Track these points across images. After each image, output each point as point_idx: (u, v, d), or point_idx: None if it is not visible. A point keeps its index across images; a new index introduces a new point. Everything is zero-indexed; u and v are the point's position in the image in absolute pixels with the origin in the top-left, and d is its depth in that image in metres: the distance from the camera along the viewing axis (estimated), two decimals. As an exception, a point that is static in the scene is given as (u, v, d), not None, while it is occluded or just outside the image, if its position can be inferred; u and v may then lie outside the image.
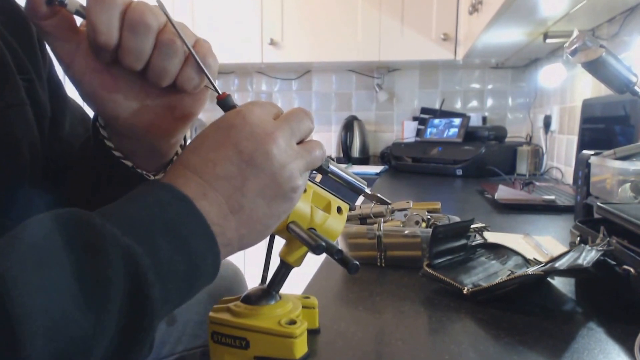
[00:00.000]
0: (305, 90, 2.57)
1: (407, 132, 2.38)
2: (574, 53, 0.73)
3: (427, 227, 0.73)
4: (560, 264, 0.53)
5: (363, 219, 0.77)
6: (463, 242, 0.65)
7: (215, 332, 0.42)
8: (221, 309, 0.43)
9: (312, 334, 0.46)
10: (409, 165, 2.06)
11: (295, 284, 0.57)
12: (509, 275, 0.54)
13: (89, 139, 0.49)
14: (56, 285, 0.26)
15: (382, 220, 0.71)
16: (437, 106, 2.44)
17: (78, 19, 0.37)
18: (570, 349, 0.44)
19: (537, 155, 2.00)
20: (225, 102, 0.39)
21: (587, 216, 0.84)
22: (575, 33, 0.73)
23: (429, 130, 2.16)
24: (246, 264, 1.97)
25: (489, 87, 2.43)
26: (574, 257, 0.54)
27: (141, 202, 0.33)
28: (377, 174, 1.98)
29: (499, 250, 0.67)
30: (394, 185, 1.71)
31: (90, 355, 0.27)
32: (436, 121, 2.16)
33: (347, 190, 0.46)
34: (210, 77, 0.40)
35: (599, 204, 0.62)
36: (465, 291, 0.54)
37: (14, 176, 0.45)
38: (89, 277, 0.27)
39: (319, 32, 2.14)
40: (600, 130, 1.33)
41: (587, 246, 0.57)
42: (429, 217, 0.75)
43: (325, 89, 2.55)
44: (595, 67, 0.73)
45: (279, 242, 0.44)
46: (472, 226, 0.72)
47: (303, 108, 0.41)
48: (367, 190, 0.47)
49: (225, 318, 0.42)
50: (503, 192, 1.26)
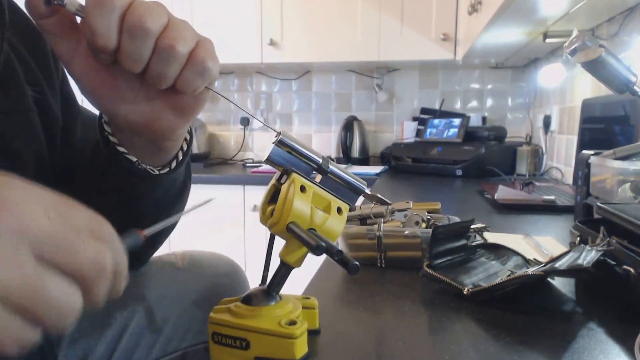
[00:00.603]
0: (305, 91, 2.57)
1: (407, 132, 2.38)
2: (573, 53, 0.73)
3: (427, 227, 0.73)
4: (560, 264, 0.53)
5: (363, 220, 0.77)
6: (463, 242, 0.65)
7: (215, 333, 0.42)
8: (221, 309, 0.43)
9: (312, 334, 0.46)
10: (409, 165, 2.06)
11: (295, 284, 0.57)
12: (509, 275, 0.54)
13: (99, 141, 0.49)
14: None
15: (382, 220, 0.71)
16: (436, 106, 2.44)
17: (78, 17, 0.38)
18: (571, 349, 0.44)
19: (536, 155, 2.00)
20: None
21: (587, 216, 0.84)
22: (574, 33, 0.73)
23: (428, 130, 2.16)
24: (246, 264, 1.97)
25: (489, 87, 2.43)
26: (574, 257, 0.54)
27: None
28: (377, 175, 1.98)
29: (499, 251, 0.67)
30: (393, 186, 1.71)
31: None
32: (436, 121, 2.16)
33: (347, 191, 0.46)
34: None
35: (598, 204, 0.62)
36: (465, 291, 0.54)
37: None
38: None
39: (318, 33, 2.14)
40: (600, 130, 1.33)
41: (587, 246, 0.57)
42: (429, 217, 0.75)
43: (325, 89, 2.55)
44: (595, 67, 0.73)
45: (279, 243, 0.44)
46: (472, 226, 0.72)
47: None
48: (367, 191, 0.47)
49: (226, 319, 0.42)
50: (503, 193, 1.26)
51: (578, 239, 0.63)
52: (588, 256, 0.53)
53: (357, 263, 0.40)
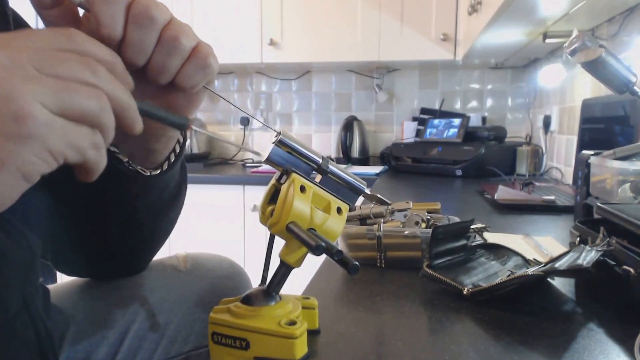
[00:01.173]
0: (305, 91, 2.57)
1: (407, 132, 2.38)
2: (573, 53, 0.73)
3: (427, 227, 0.73)
4: (560, 265, 0.53)
5: (363, 220, 0.77)
6: (463, 242, 0.65)
7: (215, 333, 0.42)
8: (221, 309, 0.43)
9: (312, 334, 0.46)
10: (409, 165, 2.06)
11: (295, 284, 0.57)
12: (508, 275, 0.54)
13: None
14: None
15: (381, 220, 0.71)
16: (436, 106, 2.44)
17: (81, 11, 0.38)
18: (570, 349, 0.44)
19: (536, 155, 2.00)
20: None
21: (587, 216, 0.84)
22: (574, 33, 0.73)
23: (428, 130, 2.16)
24: (246, 265, 1.97)
25: (489, 87, 2.43)
26: (574, 258, 0.54)
27: None
28: (377, 175, 1.98)
29: (498, 251, 0.67)
30: (393, 186, 1.71)
31: None
32: (436, 121, 2.16)
33: (346, 191, 0.46)
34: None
35: (598, 204, 0.62)
36: (465, 292, 0.54)
37: None
38: None
39: (318, 33, 2.14)
40: (600, 131, 1.33)
41: (587, 246, 0.57)
42: (428, 217, 0.75)
43: (325, 90, 2.55)
44: (595, 67, 0.73)
45: (279, 243, 0.44)
46: (471, 227, 0.72)
47: (62, 32, 0.31)
48: (367, 191, 0.47)
49: (225, 319, 0.42)
50: (503, 193, 1.26)
51: (578, 239, 0.63)
52: (588, 256, 0.53)
53: (357, 263, 0.40)
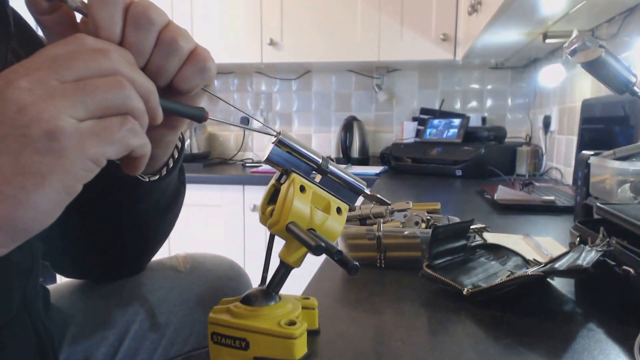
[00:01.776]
0: (304, 91, 2.57)
1: (407, 132, 2.38)
2: (573, 53, 0.73)
3: (426, 227, 0.73)
4: (559, 265, 0.53)
5: (363, 220, 0.77)
6: (463, 242, 0.65)
7: (214, 333, 0.42)
8: (221, 309, 0.43)
9: (312, 334, 0.46)
10: (409, 165, 2.06)
11: (295, 284, 0.57)
12: (508, 275, 0.54)
13: None
14: None
15: (381, 221, 0.71)
16: (436, 106, 2.44)
17: (78, 15, 0.37)
18: (570, 350, 0.44)
19: (536, 155, 2.00)
20: None
21: (587, 217, 0.84)
22: (574, 33, 0.73)
23: (428, 130, 2.16)
24: (246, 265, 1.97)
25: (489, 87, 2.43)
26: (574, 258, 0.54)
27: None
28: (377, 175, 1.98)
29: (498, 251, 0.67)
30: (393, 186, 1.71)
31: None
32: (436, 122, 2.16)
33: (346, 191, 0.46)
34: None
35: (598, 204, 0.62)
36: (465, 292, 0.54)
37: None
38: None
39: (318, 33, 2.14)
40: (600, 131, 1.33)
41: (587, 247, 0.57)
42: (428, 217, 0.75)
43: (325, 90, 2.55)
44: (595, 68, 0.73)
45: (279, 243, 0.44)
46: (471, 227, 0.72)
47: (88, 40, 0.33)
48: (367, 191, 0.47)
49: (225, 319, 0.42)
50: (502, 193, 1.26)
51: (578, 239, 0.63)
52: (588, 256, 0.53)
53: (357, 263, 0.40)
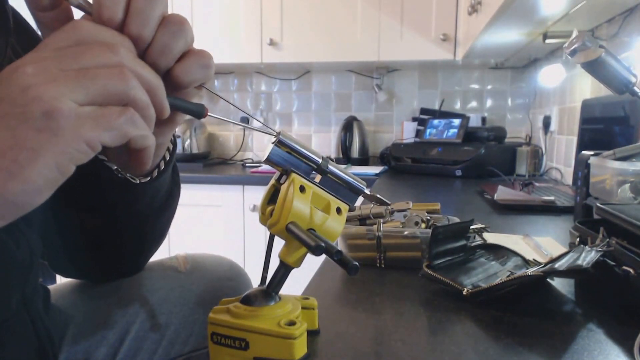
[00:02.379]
0: (304, 91, 2.57)
1: (407, 132, 2.38)
2: (573, 53, 0.73)
3: (426, 228, 0.73)
4: (559, 265, 0.53)
5: (362, 220, 0.77)
6: (462, 243, 0.65)
7: (214, 333, 0.42)
8: (221, 310, 0.43)
9: (312, 334, 0.46)
10: (409, 165, 2.06)
11: (295, 284, 0.57)
12: (508, 276, 0.54)
13: None
14: None
15: (381, 221, 0.71)
16: (436, 107, 2.44)
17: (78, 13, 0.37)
18: (570, 350, 0.43)
19: (536, 155, 2.00)
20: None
21: (587, 217, 0.84)
22: (574, 33, 0.73)
23: (428, 130, 2.16)
24: (246, 265, 1.97)
25: (489, 87, 2.43)
26: (574, 258, 0.54)
27: None
28: (377, 175, 1.98)
29: (498, 251, 0.67)
30: (393, 186, 1.71)
31: None
32: (435, 122, 2.16)
33: (346, 191, 0.46)
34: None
35: (598, 204, 0.62)
36: (464, 292, 0.54)
37: None
38: None
39: (318, 33, 2.14)
40: (600, 131, 1.33)
41: (587, 247, 0.57)
42: (428, 217, 0.75)
43: (325, 90, 2.55)
44: (595, 68, 0.73)
45: (279, 243, 0.44)
46: (471, 227, 0.72)
47: (98, 32, 0.33)
48: (367, 191, 0.47)
49: (225, 319, 0.42)
50: (502, 193, 1.26)
51: (577, 239, 0.63)
52: (588, 257, 0.53)
53: (357, 263, 0.40)
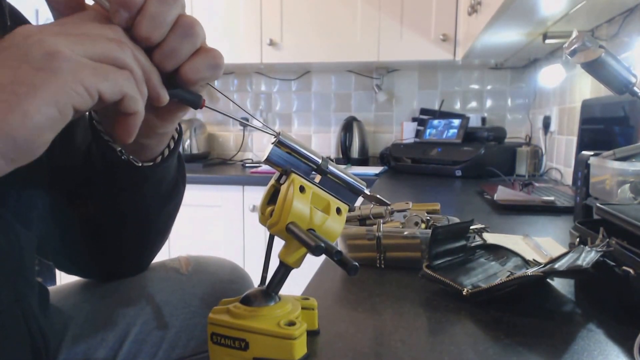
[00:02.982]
0: (304, 91, 2.57)
1: (407, 133, 2.38)
2: (573, 53, 0.73)
3: (426, 228, 0.73)
4: (559, 265, 0.53)
5: (362, 220, 0.77)
6: (462, 243, 0.64)
7: (214, 333, 0.42)
8: (220, 310, 0.43)
9: (312, 335, 0.46)
10: (409, 166, 2.06)
11: (295, 285, 0.57)
12: (508, 276, 0.54)
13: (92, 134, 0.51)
14: None
15: (381, 221, 0.71)
16: (436, 107, 2.44)
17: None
18: (570, 350, 0.43)
19: (536, 156, 2.00)
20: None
21: (587, 217, 0.84)
22: (574, 33, 0.73)
23: (428, 131, 2.16)
24: (245, 265, 1.97)
25: (488, 87, 2.43)
26: (574, 258, 0.54)
27: None
28: (377, 175, 1.98)
29: (498, 251, 0.67)
30: (393, 186, 1.71)
31: None
32: (435, 122, 2.16)
33: (346, 191, 0.46)
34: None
35: (598, 204, 0.62)
36: (464, 292, 0.54)
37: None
38: None
39: (318, 33, 2.14)
40: (600, 131, 1.33)
41: (587, 247, 0.57)
42: (428, 218, 0.75)
43: (325, 90, 2.55)
44: (595, 68, 0.73)
45: (279, 243, 0.44)
46: (471, 227, 0.72)
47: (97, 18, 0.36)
48: (367, 191, 0.47)
49: (225, 319, 0.42)
50: (502, 193, 1.26)
51: (577, 239, 0.63)
52: (587, 257, 0.53)
53: (357, 264, 0.40)
